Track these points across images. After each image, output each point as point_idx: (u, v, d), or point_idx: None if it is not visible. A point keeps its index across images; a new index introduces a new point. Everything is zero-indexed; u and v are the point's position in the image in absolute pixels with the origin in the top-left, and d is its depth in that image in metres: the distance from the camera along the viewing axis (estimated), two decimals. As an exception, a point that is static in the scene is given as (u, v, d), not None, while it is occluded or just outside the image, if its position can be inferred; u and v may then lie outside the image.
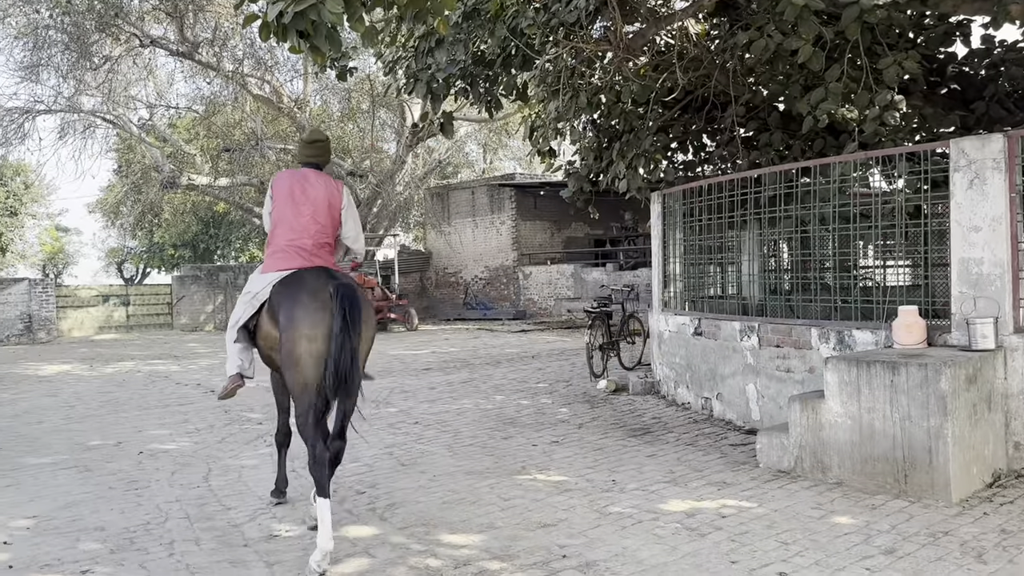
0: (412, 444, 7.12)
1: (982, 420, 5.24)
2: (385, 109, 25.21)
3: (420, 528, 4.75)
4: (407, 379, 11.43)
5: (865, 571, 3.90)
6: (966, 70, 9.33)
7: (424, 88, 9.02)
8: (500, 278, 26.57)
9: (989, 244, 5.56)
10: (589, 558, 4.18)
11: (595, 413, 8.42)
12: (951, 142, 5.83)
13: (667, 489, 5.44)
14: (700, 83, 9.34)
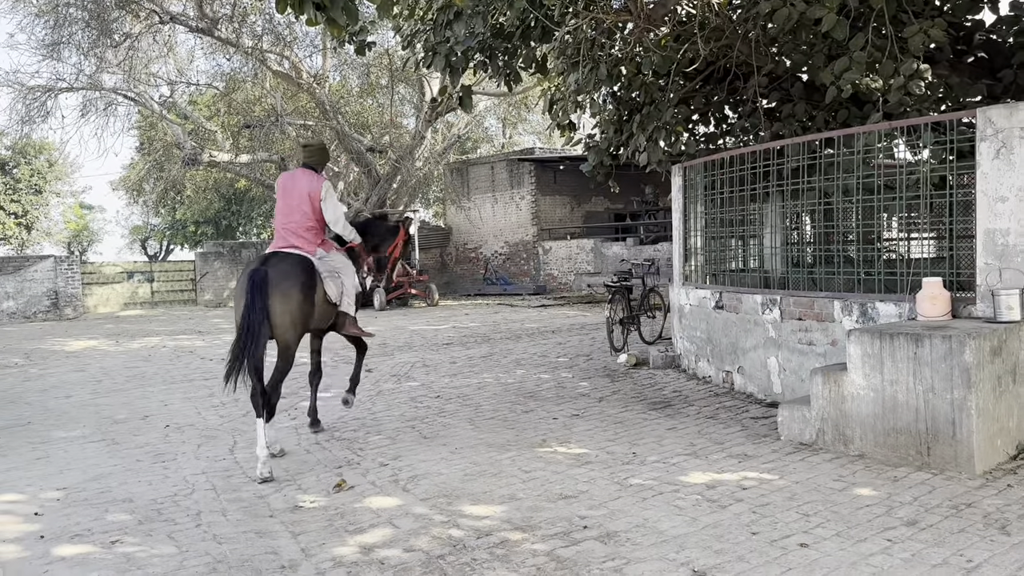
0: (434, 417, 7.18)
1: (1007, 392, 5.20)
2: (404, 84, 25.14)
3: (442, 499, 4.80)
4: (428, 353, 11.50)
5: (887, 542, 3.90)
6: (994, 38, 9.11)
7: (443, 62, 8.96)
8: (520, 253, 26.56)
9: (1016, 215, 5.48)
10: (610, 528, 4.21)
11: (615, 387, 8.44)
12: (977, 111, 5.73)
13: (688, 461, 5.46)
14: (722, 54, 9.20)
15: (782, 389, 7.14)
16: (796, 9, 7.19)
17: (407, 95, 26.38)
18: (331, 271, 6.37)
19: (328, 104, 23.66)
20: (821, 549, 3.84)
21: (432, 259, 28.23)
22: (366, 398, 8.26)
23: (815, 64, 8.26)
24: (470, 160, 29.21)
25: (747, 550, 3.87)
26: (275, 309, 5.77)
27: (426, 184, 27.42)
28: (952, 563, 3.63)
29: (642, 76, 9.51)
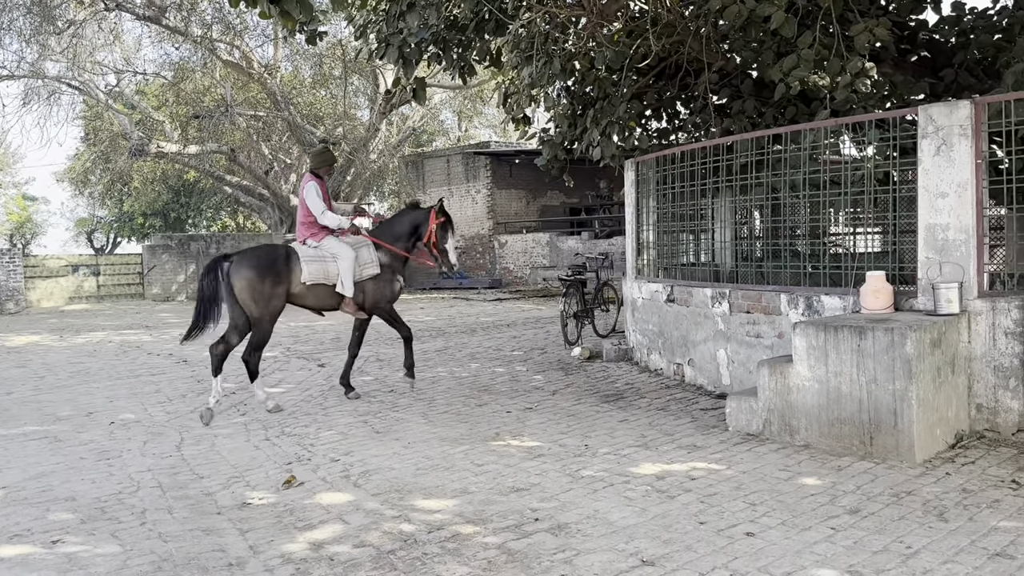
0: (387, 412, 7.14)
1: (946, 383, 5.36)
2: (358, 75, 24.91)
3: (394, 494, 4.78)
4: (382, 348, 11.43)
5: (830, 530, 3.99)
6: (936, 38, 9.36)
7: (396, 53, 8.90)
8: (476, 247, 26.53)
9: (955, 210, 5.64)
10: (561, 520, 4.24)
11: (569, 380, 8.49)
12: (919, 109, 5.88)
13: (638, 453, 5.52)
14: (674, 50, 9.29)
15: (731, 381, 7.26)
16: (746, 6, 7.28)
17: (361, 86, 26.14)
18: (318, 257, 7.37)
19: (280, 95, 23.33)
20: (767, 538, 3.92)
21: (387, 253, 28.01)
22: (317, 394, 8.18)
23: (764, 61, 8.39)
24: (425, 153, 29.07)
25: (695, 539, 3.93)
26: (235, 287, 7.11)
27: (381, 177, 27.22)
28: (892, 549, 3.73)
29: (595, 71, 9.56)
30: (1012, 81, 7.10)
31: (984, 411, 5.57)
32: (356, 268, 7.47)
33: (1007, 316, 5.44)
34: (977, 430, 5.58)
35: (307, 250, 7.43)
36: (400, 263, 7.84)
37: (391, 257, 7.75)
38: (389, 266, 7.73)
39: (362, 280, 7.55)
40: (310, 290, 7.39)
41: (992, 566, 3.52)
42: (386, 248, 7.71)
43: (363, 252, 7.56)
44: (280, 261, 7.25)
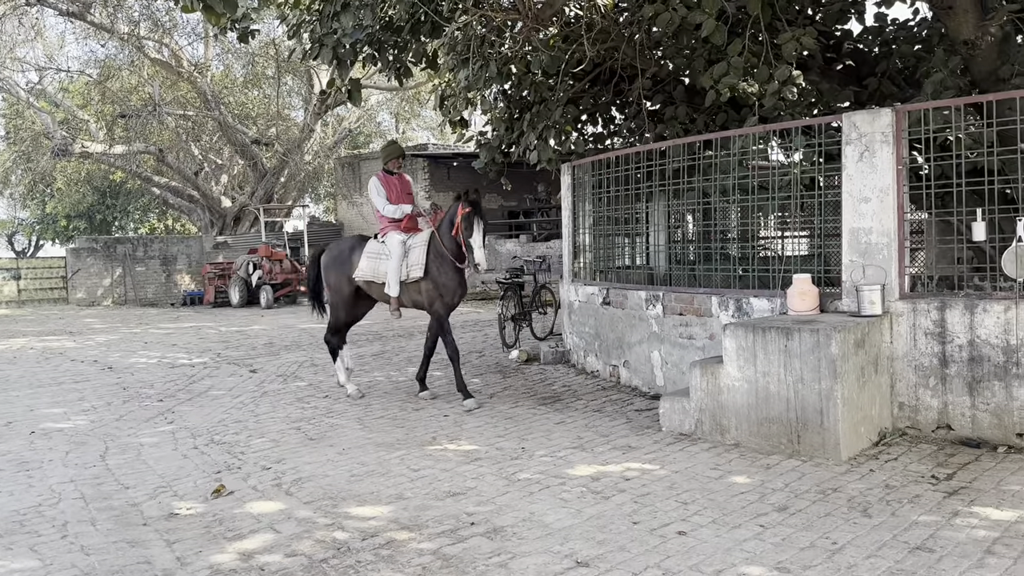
0: (321, 418, 7.03)
1: (869, 382, 5.53)
2: (292, 75, 24.51)
3: (327, 502, 4.71)
4: (317, 353, 11.25)
5: (759, 528, 4.08)
6: (860, 47, 9.68)
7: (330, 54, 8.78)
8: (413, 250, 26.35)
9: (877, 214, 5.83)
10: (496, 524, 4.23)
11: (507, 383, 8.49)
12: (843, 116, 6.07)
13: (574, 455, 5.55)
14: (609, 55, 9.40)
15: (664, 382, 7.37)
16: (677, 14, 7.42)
17: (295, 86, 25.75)
18: (376, 253, 7.62)
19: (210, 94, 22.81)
20: (698, 536, 3.99)
21: (323, 256, 27.61)
22: (249, 400, 8.00)
23: (696, 68, 8.55)
24: (362, 155, 28.72)
25: (628, 539, 3.97)
26: (320, 273, 8.11)
27: (316, 178, 26.83)
28: (819, 546, 3.83)
29: (532, 75, 9.60)
30: (931, 90, 7.38)
31: (906, 409, 5.77)
32: (404, 269, 7.44)
33: (927, 317, 5.65)
34: (899, 427, 5.78)
35: (373, 245, 7.71)
36: (452, 263, 7.40)
37: (444, 255, 7.39)
38: (444, 267, 7.39)
39: (410, 281, 7.48)
40: (368, 284, 7.70)
41: (912, 559, 3.64)
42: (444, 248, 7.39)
43: (414, 253, 7.44)
44: (346, 253, 7.81)
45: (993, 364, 5.42)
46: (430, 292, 7.44)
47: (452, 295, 7.48)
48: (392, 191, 7.74)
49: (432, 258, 7.39)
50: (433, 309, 7.51)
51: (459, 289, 7.55)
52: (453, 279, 7.42)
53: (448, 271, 7.37)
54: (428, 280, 7.39)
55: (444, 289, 7.41)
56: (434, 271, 7.37)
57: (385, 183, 7.77)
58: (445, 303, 7.47)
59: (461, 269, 7.40)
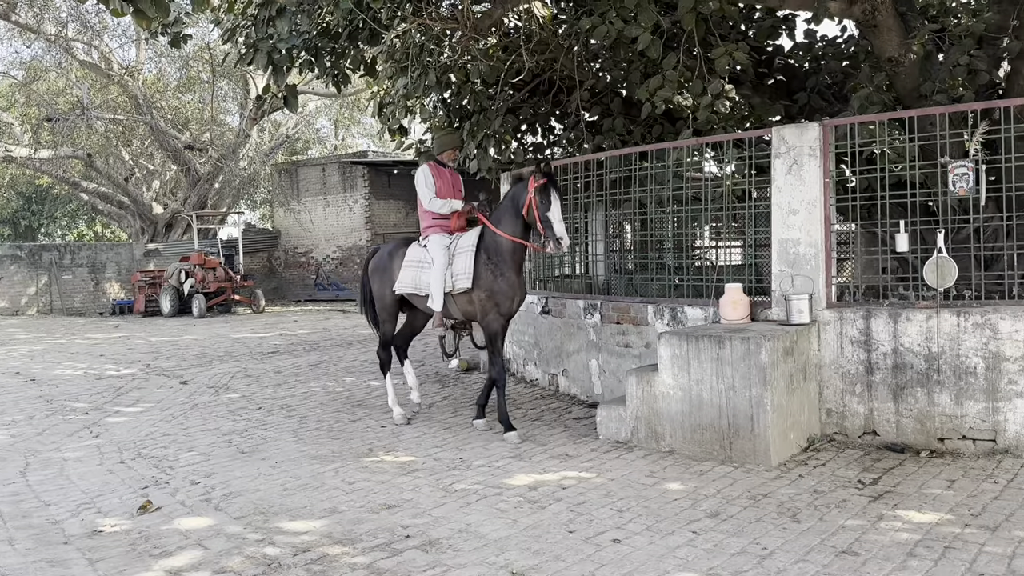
0: (254, 431, 6.88)
1: (798, 389, 5.67)
2: (227, 80, 24.05)
3: (258, 517, 4.60)
4: (251, 363, 11.03)
5: (692, 534, 4.13)
6: (791, 62, 9.96)
7: (265, 59, 8.62)
8: (353, 258, 26.06)
9: (805, 226, 6.00)
10: (432, 536, 4.20)
11: (446, 392, 8.45)
12: (773, 130, 6.23)
13: (512, 464, 5.55)
14: (548, 66, 9.48)
15: (602, 390, 7.43)
16: (614, 27, 7.52)
17: (230, 91, 25.26)
18: (416, 261, 6.74)
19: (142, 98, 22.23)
20: (632, 544, 4.02)
21: (259, 263, 27.11)
22: (179, 412, 7.78)
23: (632, 81, 8.68)
24: (300, 161, 28.33)
25: (564, 549, 3.98)
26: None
27: (252, 185, 26.31)
28: (749, 551, 3.90)
29: (471, 84, 9.61)
30: (858, 105, 7.63)
31: (834, 415, 5.93)
32: (448, 279, 6.46)
33: (853, 325, 5.83)
34: (827, 433, 5.93)
35: (414, 251, 6.80)
36: (514, 260, 6.36)
37: (504, 253, 6.34)
38: (499, 270, 6.33)
39: (456, 292, 6.47)
40: (411, 298, 6.85)
41: (839, 563, 3.73)
42: (495, 247, 6.36)
43: (459, 260, 6.44)
44: (386, 259, 7.05)
45: (916, 371, 5.61)
46: (483, 303, 6.38)
47: (509, 302, 6.40)
48: (444, 184, 6.78)
49: (483, 262, 6.36)
50: (486, 322, 6.44)
51: (517, 295, 6.46)
52: (510, 284, 6.34)
53: (504, 274, 6.32)
54: (479, 290, 6.36)
55: (500, 297, 6.34)
56: (486, 278, 6.33)
57: (437, 175, 6.79)
58: (501, 313, 6.40)
59: (519, 271, 6.42)
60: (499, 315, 6.40)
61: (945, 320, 5.52)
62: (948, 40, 7.83)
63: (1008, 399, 5.35)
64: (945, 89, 7.44)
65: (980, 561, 3.68)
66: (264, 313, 20.81)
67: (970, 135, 6.94)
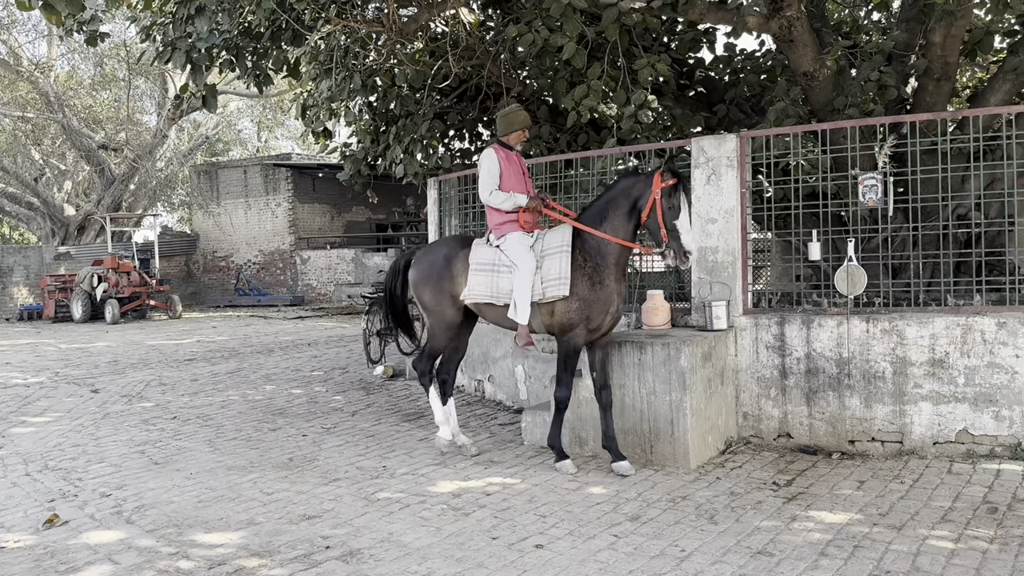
0: (168, 441, 6.65)
1: (716, 393, 5.81)
2: (144, 78, 23.29)
3: (171, 529, 4.45)
4: (167, 371, 10.67)
5: (613, 538, 4.18)
6: (711, 75, 10.22)
7: (183, 58, 8.38)
8: (276, 262, 25.55)
9: (723, 234, 6.15)
10: (353, 546, 4.13)
11: (370, 400, 8.35)
12: (693, 140, 6.38)
13: (436, 471, 5.51)
14: (475, 72, 9.49)
15: (528, 396, 7.45)
16: (540, 35, 7.58)
17: (148, 90, 24.48)
18: (490, 265, 5.58)
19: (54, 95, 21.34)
20: (555, 549, 4.04)
21: (176, 267, 26.29)
22: (89, 422, 7.47)
23: (558, 89, 8.76)
24: (220, 163, 27.64)
25: (487, 556, 3.97)
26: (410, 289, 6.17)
27: (170, 186, 25.54)
28: (668, 553, 3.97)
29: (397, 88, 9.55)
30: (774, 118, 7.88)
31: (750, 418, 6.09)
32: (538, 285, 5.41)
33: (768, 331, 6.00)
34: (744, 436, 6.09)
35: (484, 252, 5.65)
36: (617, 264, 5.41)
37: (607, 256, 5.37)
38: (598, 277, 5.36)
39: (545, 301, 5.43)
40: (481, 308, 5.74)
41: (754, 564, 3.83)
42: (595, 248, 5.37)
43: (552, 262, 5.37)
44: (442, 263, 5.82)
45: (828, 376, 5.81)
46: (571, 315, 5.34)
47: (603, 315, 5.36)
48: (512, 172, 5.69)
49: (579, 266, 5.37)
50: (569, 336, 5.39)
51: (613, 306, 5.39)
52: (610, 293, 5.35)
53: (606, 283, 5.34)
54: (575, 298, 5.32)
55: (595, 309, 5.32)
56: (583, 285, 5.33)
57: (504, 160, 5.67)
58: (591, 328, 5.37)
59: (622, 278, 5.50)
60: (587, 330, 5.36)
61: (855, 326, 5.74)
62: (860, 56, 8.17)
63: (914, 402, 5.59)
64: (857, 103, 7.74)
65: (887, 559, 3.83)
66: (181, 319, 20.19)
67: (879, 148, 7.26)
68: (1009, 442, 5.38)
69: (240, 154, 31.26)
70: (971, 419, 5.47)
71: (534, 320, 5.53)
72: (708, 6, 7.53)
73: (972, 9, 7.88)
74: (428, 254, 6.06)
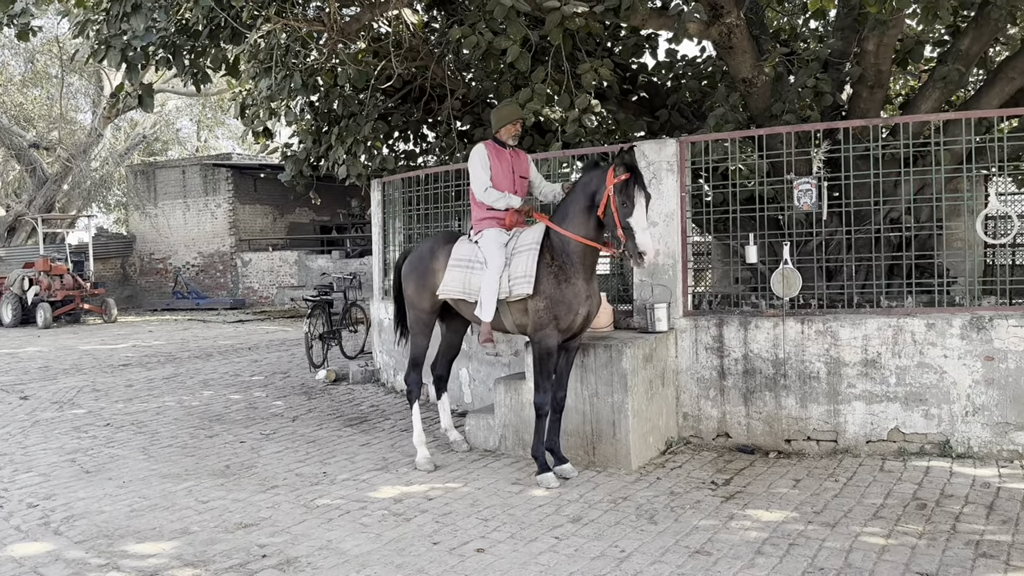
0: (100, 449, 6.45)
1: (657, 394, 5.87)
2: (79, 75, 22.61)
3: (102, 540, 4.31)
4: (100, 376, 10.36)
5: (554, 540, 4.19)
6: (654, 80, 10.34)
7: (118, 56, 8.14)
8: (216, 265, 25.03)
9: (664, 238, 6.23)
10: (290, 555, 4.06)
11: (312, 404, 8.22)
12: (634, 144, 6.43)
13: (378, 477, 5.45)
14: (419, 74, 9.43)
15: (472, 399, 7.43)
16: (484, 38, 7.57)
17: (82, 87, 23.77)
18: (465, 261, 5.56)
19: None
20: (496, 552, 4.03)
21: (112, 270, 25.56)
22: (17, 430, 7.20)
23: (502, 92, 8.76)
24: (158, 163, 26.97)
25: (427, 561, 3.94)
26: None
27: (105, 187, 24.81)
28: (608, 554, 3.99)
29: (340, 88, 9.43)
30: (713, 123, 8.00)
31: (690, 419, 6.18)
32: (505, 283, 5.32)
33: (707, 333, 6.09)
34: (684, 436, 6.17)
35: (463, 247, 5.63)
36: (584, 263, 5.26)
37: (571, 255, 5.22)
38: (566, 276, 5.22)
39: (512, 300, 5.34)
40: (457, 304, 5.70)
41: (693, 563, 3.88)
42: (561, 246, 5.24)
43: (519, 260, 5.29)
44: (427, 257, 5.82)
45: (765, 376, 5.93)
46: (539, 315, 5.22)
47: (572, 315, 5.21)
48: (501, 170, 5.57)
49: (546, 264, 5.26)
50: (539, 336, 5.24)
51: (583, 306, 5.26)
52: (578, 293, 5.22)
53: (570, 280, 5.21)
54: (541, 297, 5.22)
55: (563, 308, 5.17)
56: (549, 284, 5.21)
57: (495, 156, 5.58)
58: (561, 328, 5.22)
59: (590, 277, 5.32)
60: (557, 330, 5.20)
61: (791, 328, 5.86)
62: (797, 63, 8.36)
63: (848, 402, 5.73)
64: (794, 109, 7.92)
65: (821, 556, 3.91)
66: (116, 323, 19.62)
67: (815, 153, 7.43)
68: (938, 440, 5.56)
69: (179, 154, 30.54)
70: (902, 418, 5.63)
71: (506, 319, 5.45)
72: (650, 12, 7.62)
73: (904, 19, 8.14)
74: (418, 249, 6.12)
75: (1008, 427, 5.43)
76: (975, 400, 5.48)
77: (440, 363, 6.35)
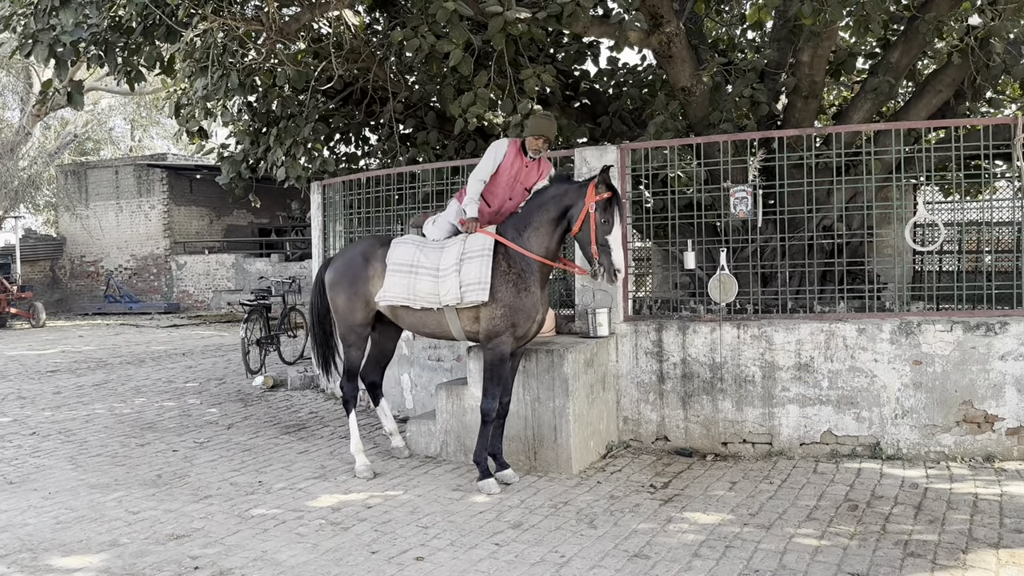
0: (25, 458, 6.20)
1: (598, 399, 5.91)
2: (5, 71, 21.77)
3: (25, 554, 4.14)
4: (26, 383, 9.97)
5: (495, 546, 4.17)
6: (596, 87, 10.44)
7: (46, 52, 7.84)
8: (149, 268, 24.35)
9: (606, 243, 6.26)
10: (223, 566, 3.96)
11: (248, 412, 8.05)
12: (576, 151, 6.49)
13: (316, 485, 5.36)
14: (361, 76, 9.33)
15: (414, 405, 7.37)
16: (427, 41, 7.53)
17: (9, 83, 22.90)
18: (407, 265, 5.35)
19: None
20: (435, 560, 3.99)
21: (40, 273, 24.65)
22: (-66, 440, 6.89)
23: (445, 96, 8.73)
24: (90, 163, 26.13)
25: (365, 571, 3.88)
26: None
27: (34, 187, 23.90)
28: (548, 560, 3.99)
29: (278, 89, 9.27)
30: (653, 131, 8.11)
31: (630, 423, 6.23)
32: (456, 289, 5.17)
33: (647, 338, 6.16)
34: (624, 440, 6.22)
35: (402, 250, 5.44)
36: (542, 271, 5.24)
37: (531, 263, 5.20)
38: (522, 283, 5.18)
39: (464, 306, 5.22)
40: (396, 311, 5.50)
41: (631, 567, 3.90)
42: (519, 253, 5.18)
43: (469, 267, 5.16)
44: (359, 263, 5.58)
45: (702, 380, 6.02)
46: (496, 322, 5.14)
47: (529, 323, 5.21)
48: (508, 175, 5.45)
49: (502, 272, 5.19)
50: (494, 343, 5.17)
51: (539, 314, 5.26)
52: (536, 301, 5.19)
53: (532, 290, 5.17)
54: (499, 305, 5.14)
55: (522, 316, 5.14)
56: (508, 292, 5.14)
57: (511, 158, 5.44)
58: (517, 336, 5.21)
59: (544, 286, 5.29)
60: (513, 337, 5.18)
61: (727, 332, 5.96)
62: (735, 73, 8.52)
63: (782, 405, 5.86)
64: (731, 118, 8.07)
65: (756, 558, 3.98)
66: (45, 328, 18.91)
67: (751, 162, 7.59)
68: (869, 442, 5.72)
69: (112, 154, 29.63)
70: (834, 421, 5.77)
71: (453, 326, 5.33)
72: (591, 20, 7.67)
73: (837, 31, 8.37)
74: (344, 254, 5.88)
75: (935, 429, 5.62)
76: (904, 403, 5.66)
77: (371, 370, 6.13)
